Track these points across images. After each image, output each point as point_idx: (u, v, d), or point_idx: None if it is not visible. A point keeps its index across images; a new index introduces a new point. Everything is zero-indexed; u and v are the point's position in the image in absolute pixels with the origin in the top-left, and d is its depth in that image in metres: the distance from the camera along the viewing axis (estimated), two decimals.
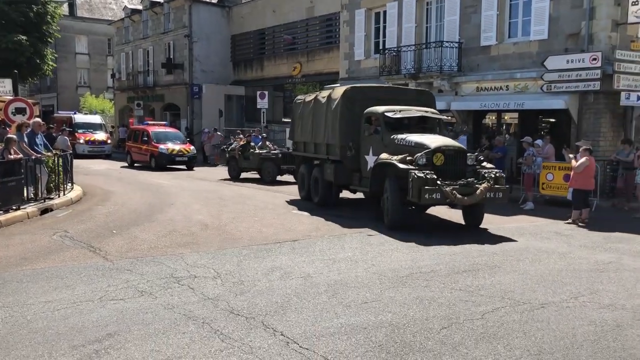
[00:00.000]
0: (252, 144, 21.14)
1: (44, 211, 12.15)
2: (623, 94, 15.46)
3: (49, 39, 24.84)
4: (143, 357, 4.76)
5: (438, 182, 9.97)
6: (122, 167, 26.08)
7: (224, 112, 35.03)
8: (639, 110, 16.24)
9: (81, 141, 31.44)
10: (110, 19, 51.96)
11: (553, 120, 18.67)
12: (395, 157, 10.79)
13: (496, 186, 10.41)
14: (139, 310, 5.93)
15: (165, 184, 18.90)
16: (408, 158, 10.59)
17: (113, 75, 46.84)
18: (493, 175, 10.53)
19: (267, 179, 19.71)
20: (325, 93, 14.28)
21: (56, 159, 13.67)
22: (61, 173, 13.83)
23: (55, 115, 36.14)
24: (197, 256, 8.38)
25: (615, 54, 15.57)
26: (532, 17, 17.64)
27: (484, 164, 11.16)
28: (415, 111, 12.30)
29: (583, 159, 12.03)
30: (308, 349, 4.95)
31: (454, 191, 9.98)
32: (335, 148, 13.16)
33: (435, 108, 13.53)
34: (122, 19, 44.00)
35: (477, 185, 10.28)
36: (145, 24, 40.51)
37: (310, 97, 15.11)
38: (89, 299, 6.29)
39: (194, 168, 25.30)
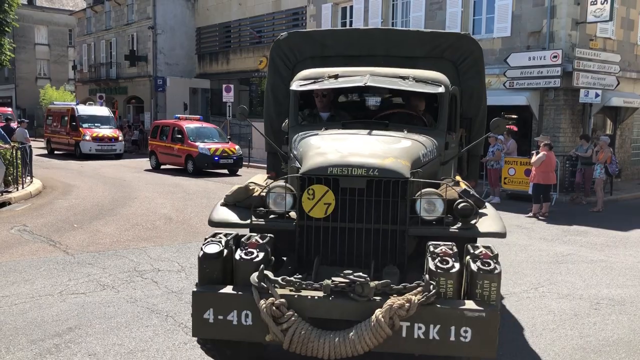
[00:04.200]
0: None
1: (1, 205, 11.81)
2: (582, 91, 15.88)
3: (7, 28, 24.02)
4: (105, 351, 4.68)
5: (256, 277, 3.59)
6: (145, 170, 20.80)
7: (189, 105, 34.61)
8: (597, 107, 16.70)
9: (87, 138, 26.16)
10: (71, 9, 50.69)
11: (515, 116, 19.04)
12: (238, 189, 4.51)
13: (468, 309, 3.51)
14: (100, 304, 5.82)
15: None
16: (259, 193, 4.42)
17: (74, 67, 45.71)
18: (450, 270, 3.68)
19: None
20: None
21: (14, 152, 13.31)
22: (19, 166, 13.48)
23: (51, 106, 31.04)
24: (160, 250, 8.27)
25: (575, 52, 15.97)
26: (496, 14, 17.95)
27: (485, 216, 4.60)
28: (369, 78, 5.14)
29: (540, 154, 12.33)
30: None
31: (293, 312, 3.48)
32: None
33: (481, 69, 6.69)
34: (84, 10, 42.94)
35: (380, 296, 3.53)
36: (108, 14, 39.67)
37: None
38: (49, 293, 6.15)
39: (239, 172, 20.45)
